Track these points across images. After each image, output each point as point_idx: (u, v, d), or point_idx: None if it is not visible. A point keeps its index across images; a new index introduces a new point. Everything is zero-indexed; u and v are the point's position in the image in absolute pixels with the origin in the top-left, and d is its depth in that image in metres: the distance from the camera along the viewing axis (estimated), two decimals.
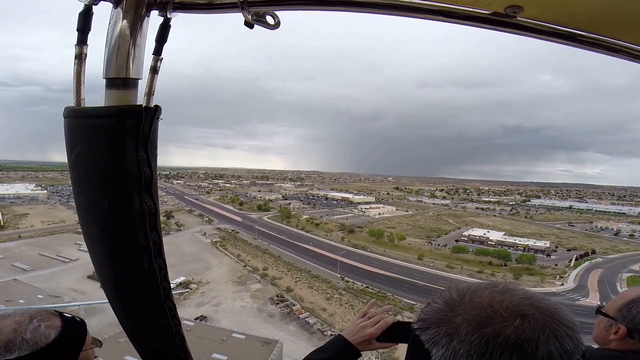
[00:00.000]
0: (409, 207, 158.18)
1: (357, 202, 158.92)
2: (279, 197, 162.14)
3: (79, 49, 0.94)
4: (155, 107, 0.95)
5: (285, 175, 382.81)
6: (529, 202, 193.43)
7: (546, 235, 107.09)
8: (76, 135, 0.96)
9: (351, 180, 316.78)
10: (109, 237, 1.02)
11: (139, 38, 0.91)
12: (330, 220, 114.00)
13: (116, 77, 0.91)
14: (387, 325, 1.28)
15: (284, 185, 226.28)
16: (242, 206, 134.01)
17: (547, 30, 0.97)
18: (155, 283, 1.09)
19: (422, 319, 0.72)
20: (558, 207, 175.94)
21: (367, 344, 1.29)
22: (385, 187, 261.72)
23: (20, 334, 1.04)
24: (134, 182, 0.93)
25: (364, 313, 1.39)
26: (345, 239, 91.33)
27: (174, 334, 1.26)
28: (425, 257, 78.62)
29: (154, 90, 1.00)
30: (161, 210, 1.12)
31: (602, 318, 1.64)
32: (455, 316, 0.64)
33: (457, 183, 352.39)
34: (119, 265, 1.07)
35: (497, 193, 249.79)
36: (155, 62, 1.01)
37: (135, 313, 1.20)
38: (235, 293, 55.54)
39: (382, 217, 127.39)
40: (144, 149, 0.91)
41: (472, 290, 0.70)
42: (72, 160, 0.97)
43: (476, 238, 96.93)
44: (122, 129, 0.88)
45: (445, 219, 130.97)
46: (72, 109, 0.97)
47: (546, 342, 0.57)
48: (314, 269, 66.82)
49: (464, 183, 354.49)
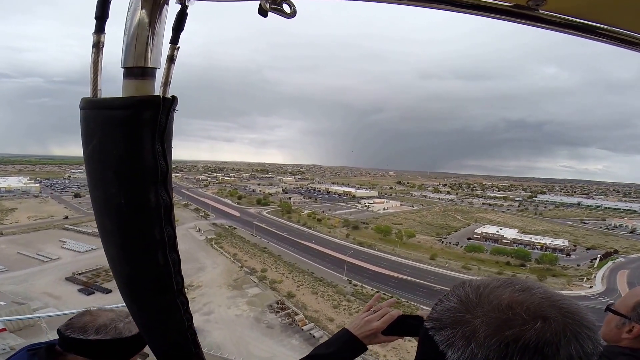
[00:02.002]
0: (414, 202, 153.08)
1: (360, 197, 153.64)
2: (279, 191, 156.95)
3: (96, 37, 0.91)
4: (172, 97, 0.92)
5: (286, 168, 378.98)
6: (536, 198, 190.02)
7: (560, 233, 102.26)
8: (93, 127, 0.93)
9: (352, 174, 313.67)
10: (124, 231, 1.00)
11: (157, 26, 0.88)
12: (333, 215, 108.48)
13: (134, 66, 0.88)
14: (392, 319, 1.28)
15: (284, 179, 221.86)
16: (241, 200, 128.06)
17: (568, 23, 0.94)
18: (169, 278, 1.08)
19: (435, 318, 0.68)
20: (566, 204, 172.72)
21: (373, 338, 1.29)
22: (387, 181, 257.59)
23: (114, 322, 1.29)
24: (150, 175, 0.91)
25: (369, 307, 1.39)
26: (349, 236, 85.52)
27: (186, 329, 1.25)
28: (437, 257, 73.08)
29: (170, 81, 0.97)
30: None
31: (613, 316, 1.64)
32: (474, 318, 0.61)
33: (459, 178, 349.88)
34: (134, 259, 1.05)
35: (501, 188, 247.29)
36: (172, 51, 0.98)
37: (148, 307, 1.19)
38: (229, 299, 49.70)
39: (387, 212, 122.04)
40: (160, 141, 0.89)
41: (490, 288, 0.66)
42: (88, 153, 0.95)
43: (489, 236, 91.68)
44: (139, 121, 0.86)
45: (452, 214, 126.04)
46: (89, 100, 0.94)
47: (567, 345, 0.55)
48: (317, 271, 61.07)
49: (465, 178, 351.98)
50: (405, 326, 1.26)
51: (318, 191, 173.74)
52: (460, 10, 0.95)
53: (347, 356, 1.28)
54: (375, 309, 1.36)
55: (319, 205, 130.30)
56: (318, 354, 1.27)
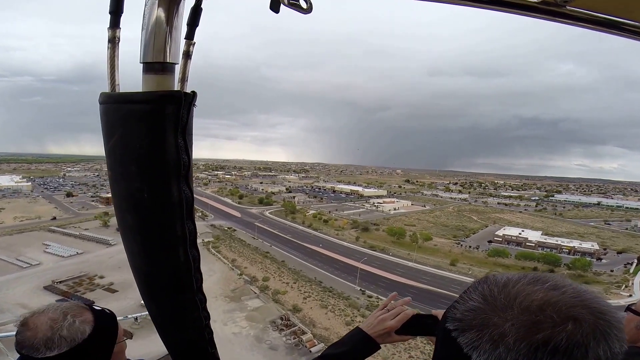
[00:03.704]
0: (425, 201, 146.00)
1: (368, 196, 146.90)
2: (282, 190, 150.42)
3: (112, 32, 0.91)
4: (192, 92, 0.93)
5: (289, 166, 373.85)
6: (553, 198, 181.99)
7: (586, 235, 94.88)
8: (113, 121, 0.94)
9: (358, 173, 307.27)
10: (146, 226, 1.00)
11: (175, 21, 0.88)
12: (341, 216, 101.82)
13: (154, 62, 0.88)
14: (407, 318, 1.26)
15: (287, 177, 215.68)
16: (242, 199, 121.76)
17: (595, 20, 0.90)
18: (189, 274, 1.08)
19: (458, 319, 0.64)
20: (586, 203, 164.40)
21: (387, 337, 1.27)
22: (395, 179, 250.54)
23: (57, 331, 1.06)
24: (174, 170, 0.91)
25: (383, 305, 1.36)
26: (360, 238, 78.74)
27: (204, 327, 1.24)
28: (458, 262, 66.31)
29: (187, 76, 0.97)
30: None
31: (633, 316, 1.66)
32: (503, 321, 0.57)
33: (469, 176, 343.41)
34: (154, 255, 1.05)
35: (515, 187, 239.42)
36: (187, 47, 0.97)
37: (167, 304, 1.18)
38: (226, 313, 43.15)
39: (397, 212, 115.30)
40: (183, 136, 0.90)
41: (518, 287, 0.62)
42: (110, 147, 0.94)
43: (512, 239, 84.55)
44: (162, 115, 0.86)
45: (467, 215, 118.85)
46: (108, 94, 0.94)
47: (596, 346, 0.53)
48: (326, 279, 54.43)
49: (476, 176, 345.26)
50: (420, 325, 1.24)
51: (323, 190, 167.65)
52: (482, 5, 0.92)
53: (360, 355, 1.26)
54: (389, 307, 1.32)
55: (325, 205, 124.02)
56: (330, 353, 1.25)
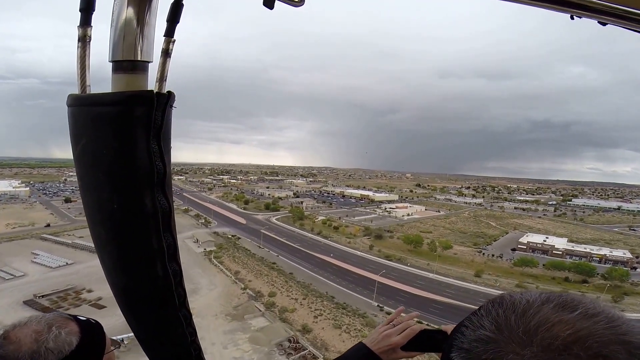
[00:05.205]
0: (439, 206, 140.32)
1: (379, 201, 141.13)
2: (289, 195, 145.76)
3: (82, 30, 0.85)
4: (168, 93, 0.86)
5: (296, 171, 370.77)
6: (571, 202, 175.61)
7: (613, 242, 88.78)
8: (81, 126, 0.88)
9: (367, 177, 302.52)
10: (118, 239, 0.94)
11: (148, 17, 0.82)
12: (352, 222, 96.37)
13: (124, 60, 0.82)
14: (413, 334, 1.18)
15: (295, 182, 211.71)
16: (248, 205, 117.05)
17: (615, 13, 0.81)
18: (169, 290, 1.01)
19: (465, 350, 0.53)
20: (606, 208, 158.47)
21: (392, 353, 1.18)
22: (406, 184, 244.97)
23: (43, 343, 1.00)
24: (146, 178, 0.84)
25: (389, 320, 1.28)
26: (373, 247, 72.99)
27: (189, 344, 1.18)
28: (483, 273, 60.42)
29: (166, 76, 0.90)
30: None
31: None
32: (520, 357, 0.46)
33: (480, 180, 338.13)
34: (130, 270, 1.00)
35: (529, 191, 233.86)
36: (167, 45, 0.91)
37: (148, 321, 1.13)
38: (227, 334, 37.94)
39: (411, 218, 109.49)
40: (156, 139, 0.83)
41: (540, 316, 0.50)
42: (78, 154, 0.89)
43: (537, 246, 78.44)
44: (131, 118, 0.80)
45: (485, 221, 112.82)
46: (76, 96, 0.88)
47: None
48: (339, 293, 48.91)
49: (487, 180, 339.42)
50: (427, 341, 1.16)
51: (332, 195, 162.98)
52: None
53: None
54: (395, 322, 1.25)
55: (335, 210, 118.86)
56: None
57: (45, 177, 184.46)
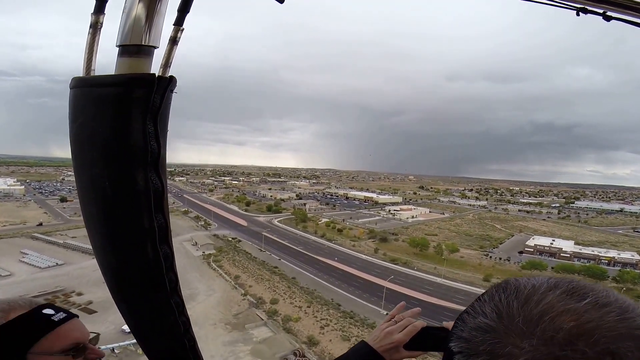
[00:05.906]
0: (443, 208, 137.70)
1: (383, 203, 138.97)
2: (292, 197, 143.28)
3: (95, 17, 0.86)
4: (169, 77, 0.87)
5: (299, 172, 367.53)
6: (573, 204, 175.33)
7: (619, 244, 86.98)
8: (81, 106, 0.88)
9: (370, 179, 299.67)
10: (108, 217, 0.92)
11: (159, 5, 0.83)
12: (356, 224, 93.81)
13: (130, 44, 0.83)
14: (416, 331, 1.12)
15: (297, 183, 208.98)
16: (249, 207, 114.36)
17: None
18: (160, 274, 0.98)
19: (464, 339, 0.49)
20: (608, 210, 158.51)
21: (394, 352, 1.12)
22: (409, 186, 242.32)
23: None
24: (139, 156, 0.84)
25: (391, 317, 1.21)
26: (378, 250, 70.36)
27: (182, 334, 1.13)
28: (492, 277, 57.75)
29: (171, 62, 0.91)
30: None
31: None
32: (518, 352, 0.41)
33: (482, 183, 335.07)
34: (120, 250, 0.97)
35: (531, 194, 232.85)
36: (175, 33, 0.91)
37: (138, 306, 1.09)
38: (227, 346, 35.24)
39: (416, 220, 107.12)
40: (153, 121, 0.83)
41: (544, 303, 0.45)
42: (74, 132, 0.89)
43: (544, 249, 76.47)
44: (130, 98, 0.81)
45: (490, 223, 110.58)
46: (80, 78, 0.89)
47: None
48: (345, 300, 46.22)
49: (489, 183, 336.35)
50: (430, 339, 1.10)
51: (336, 197, 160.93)
52: None
53: None
54: (397, 319, 1.17)
55: (338, 212, 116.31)
56: None
57: (42, 176, 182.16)
